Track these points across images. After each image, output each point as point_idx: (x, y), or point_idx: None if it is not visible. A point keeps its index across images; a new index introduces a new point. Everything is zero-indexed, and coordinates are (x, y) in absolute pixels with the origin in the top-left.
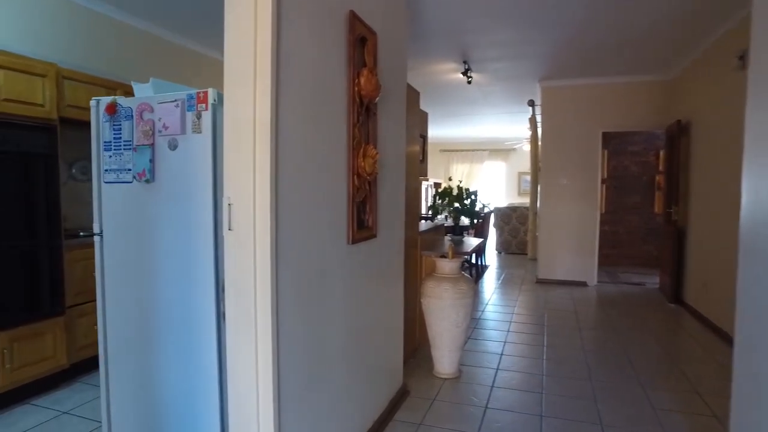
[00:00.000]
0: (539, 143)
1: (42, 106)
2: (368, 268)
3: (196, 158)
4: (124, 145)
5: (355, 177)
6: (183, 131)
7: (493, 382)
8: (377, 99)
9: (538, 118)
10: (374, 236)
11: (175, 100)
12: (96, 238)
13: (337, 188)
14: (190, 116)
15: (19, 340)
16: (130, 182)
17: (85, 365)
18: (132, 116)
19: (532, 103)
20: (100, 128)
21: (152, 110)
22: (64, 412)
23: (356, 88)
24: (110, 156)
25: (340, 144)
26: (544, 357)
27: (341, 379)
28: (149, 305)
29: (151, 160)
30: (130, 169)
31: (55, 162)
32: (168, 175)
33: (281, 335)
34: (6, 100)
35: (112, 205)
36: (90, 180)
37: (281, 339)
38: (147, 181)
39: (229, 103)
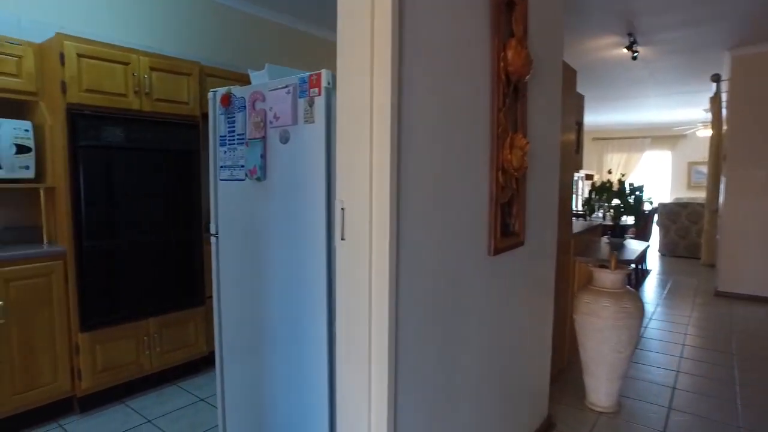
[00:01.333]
0: (724, 127)
1: (187, 103)
2: (513, 283)
3: (309, 152)
4: (238, 139)
5: (500, 173)
6: (295, 121)
7: (665, 426)
8: (527, 77)
9: (723, 96)
10: (521, 244)
11: (287, 86)
12: (212, 239)
13: (475, 187)
14: (302, 104)
15: (167, 326)
16: (243, 180)
17: None
18: (245, 107)
19: (717, 78)
20: (216, 122)
21: (264, 99)
22: (201, 399)
23: (502, 64)
24: (225, 151)
25: (481, 133)
26: (738, 401)
27: (474, 411)
28: (261, 308)
29: (263, 156)
30: (242, 166)
31: (198, 158)
32: (279, 172)
33: (401, 368)
34: (157, 99)
35: (227, 204)
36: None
37: (401, 372)
38: (258, 179)
39: (342, 86)
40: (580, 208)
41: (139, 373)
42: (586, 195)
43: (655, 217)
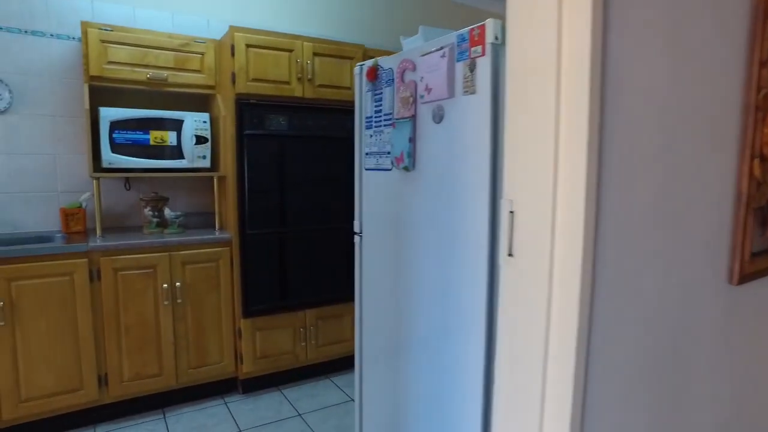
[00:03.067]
0: None
1: (348, 89)
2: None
3: (468, 134)
4: (385, 121)
5: (755, 163)
6: (451, 93)
7: None
8: None
9: None
10: None
11: (441, 48)
12: (356, 238)
13: (710, 183)
14: (460, 69)
15: (324, 319)
16: (389, 169)
17: None
18: (393, 80)
19: None
20: (362, 101)
21: (414, 68)
22: (351, 399)
23: None
24: (371, 135)
25: (726, 99)
26: None
27: None
28: (405, 317)
29: (411, 139)
30: (389, 152)
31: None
32: (431, 159)
33: None
34: (320, 86)
35: (372, 198)
36: None
37: None
38: (405, 168)
39: (514, 39)
40: None
41: (295, 363)
42: None
43: None
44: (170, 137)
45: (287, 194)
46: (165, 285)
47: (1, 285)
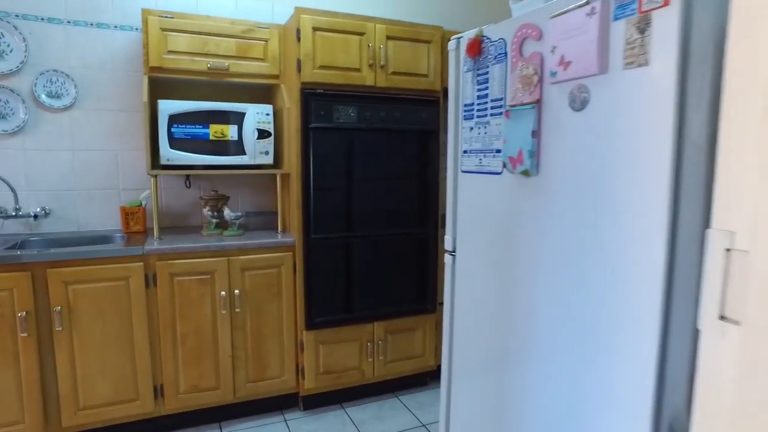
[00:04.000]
0: None
1: (425, 76)
2: None
3: (629, 125)
4: (492, 109)
5: None
6: (602, 67)
7: None
8: None
9: None
10: None
11: (587, 2)
12: (447, 257)
13: None
14: (620, 30)
15: (394, 333)
16: (498, 173)
17: None
18: (505, 54)
19: None
20: (459, 83)
21: (540, 36)
22: (423, 425)
23: None
24: (471, 128)
25: None
26: None
27: None
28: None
29: (535, 133)
30: (498, 151)
31: (437, 140)
32: (564, 161)
33: None
34: (393, 73)
35: (470, 208)
36: None
37: None
38: (525, 172)
39: None
40: None
41: (361, 380)
42: None
43: None
44: (231, 131)
45: (355, 194)
46: (223, 292)
47: (59, 289)
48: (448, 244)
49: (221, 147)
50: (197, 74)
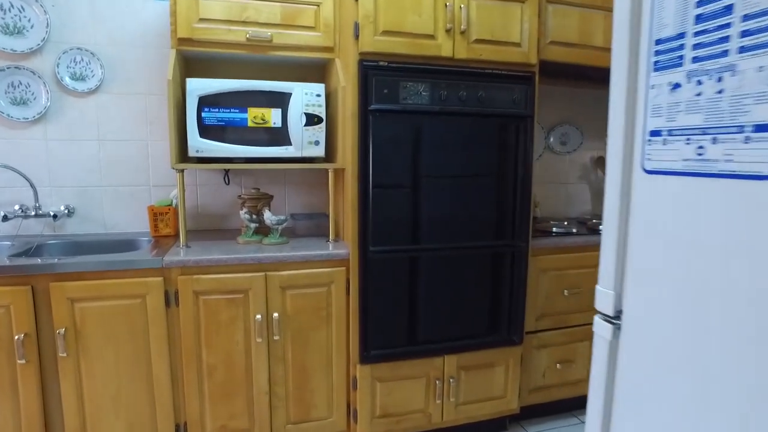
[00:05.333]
0: None
1: (518, 45)
2: None
3: None
4: (747, 36)
5: None
6: None
7: None
8: None
9: None
10: None
11: None
12: (603, 326)
13: None
14: None
15: (468, 369)
16: (764, 177)
17: (534, 413)
18: None
19: None
20: (637, 2)
21: None
22: None
23: None
24: (675, 86)
25: None
26: None
27: None
28: None
29: None
30: (740, 130)
31: (530, 127)
32: None
33: None
34: (476, 41)
35: (659, 238)
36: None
37: None
38: None
39: None
40: None
41: (426, 425)
42: None
43: None
44: (273, 116)
45: (424, 196)
46: (259, 316)
47: (64, 307)
48: (604, 303)
49: (261, 136)
50: (234, 47)
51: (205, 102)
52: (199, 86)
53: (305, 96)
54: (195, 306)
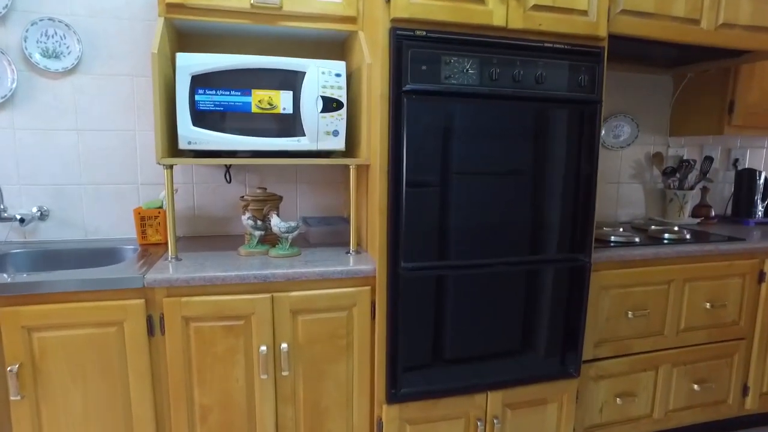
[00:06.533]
0: None
1: (584, 13)
2: None
3: None
4: None
5: None
6: None
7: None
8: None
9: None
10: None
11: None
12: None
13: None
14: None
15: (516, 407)
16: None
17: None
18: None
19: None
20: None
21: None
22: None
23: None
24: None
25: None
26: None
27: None
28: None
29: None
30: None
31: (598, 114)
32: None
33: None
34: (534, 7)
35: None
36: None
37: None
38: None
39: None
40: None
41: None
42: None
43: None
44: (283, 100)
45: (468, 200)
46: (264, 347)
47: (18, 338)
48: None
49: (268, 124)
50: (235, 16)
51: (199, 82)
52: (191, 62)
53: (322, 76)
54: (185, 335)
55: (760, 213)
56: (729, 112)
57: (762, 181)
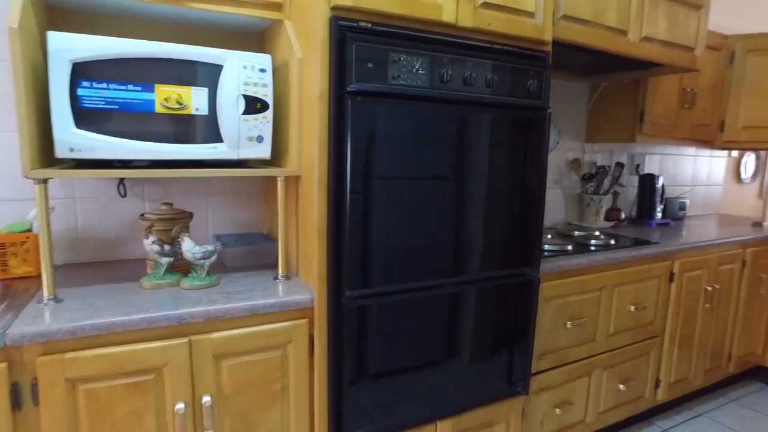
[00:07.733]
0: None
1: (531, 15)
2: None
3: None
4: None
5: None
6: None
7: None
8: None
9: None
10: None
11: None
12: None
13: None
14: None
15: None
16: None
17: None
18: None
19: None
20: None
21: None
22: None
23: None
24: None
25: None
26: None
27: None
28: None
29: None
30: None
31: (546, 122)
32: None
33: None
34: (485, 5)
35: None
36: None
37: None
38: None
39: None
40: None
41: None
42: None
43: None
44: (196, 99)
45: (419, 214)
46: (180, 405)
47: None
48: None
49: (176, 127)
50: None
51: (83, 72)
52: (71, 45)
53: (244, 71)
54: (70, 401)
55: (659, 215)
56: (640, 121)
57: (660, 184)
